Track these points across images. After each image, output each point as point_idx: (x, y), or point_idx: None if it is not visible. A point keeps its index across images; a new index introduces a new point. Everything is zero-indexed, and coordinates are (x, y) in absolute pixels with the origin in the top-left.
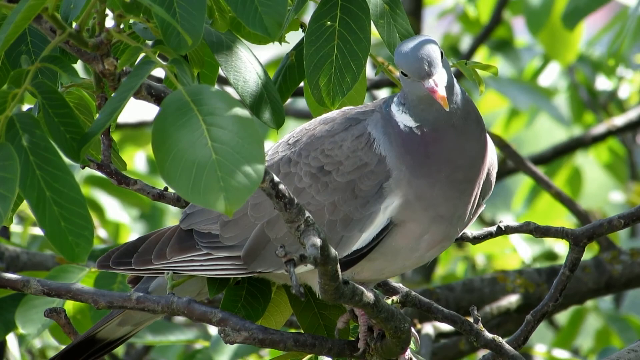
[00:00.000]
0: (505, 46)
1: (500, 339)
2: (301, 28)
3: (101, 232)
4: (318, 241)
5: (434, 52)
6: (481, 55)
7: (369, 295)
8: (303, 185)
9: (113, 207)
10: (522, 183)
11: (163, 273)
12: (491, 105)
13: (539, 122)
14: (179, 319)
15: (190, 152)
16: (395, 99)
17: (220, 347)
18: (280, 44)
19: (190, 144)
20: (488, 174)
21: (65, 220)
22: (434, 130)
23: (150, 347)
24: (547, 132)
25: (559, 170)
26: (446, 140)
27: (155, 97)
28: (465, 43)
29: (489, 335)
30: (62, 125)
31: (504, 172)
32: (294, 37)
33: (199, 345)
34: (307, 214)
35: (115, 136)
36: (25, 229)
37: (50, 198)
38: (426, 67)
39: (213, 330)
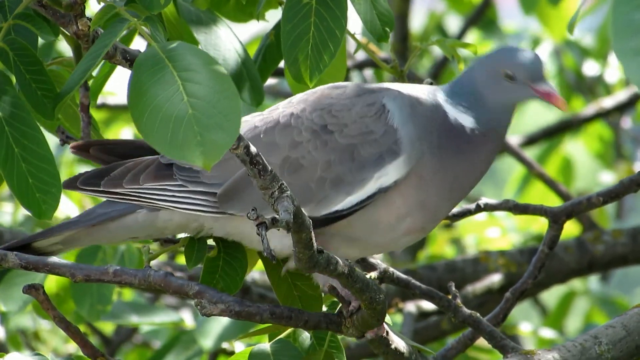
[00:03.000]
0: (490, 25)
1: (478, 314)
2: (280, 7)
3: None
4: (291, 207)
5: (543, 60)
6: (471, 38)
7: (344, 265)
8: (301, 139)
9: None
10: (514, 171)
11: (129, 199)
12: None
13: (531, 106)
14: (170, 299)
15: (166, 107)
16: (444, 95)
17: (205, 330)
18: (258, 21)
19: (166, 100)
20: None
21: (33, 177)
22: (484, 135)
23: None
24: (538, 117)
25: (549, 157)
26: (487, 147)
27: (131, 62)
28: (451, 23)
29: (467, 311)
30: (34, 83)
31: None
32: (275, 16)
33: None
34: (282, 181)
35: (104, 114)
36: (16, 209)
37: (19, 154)
38: (541, 72)
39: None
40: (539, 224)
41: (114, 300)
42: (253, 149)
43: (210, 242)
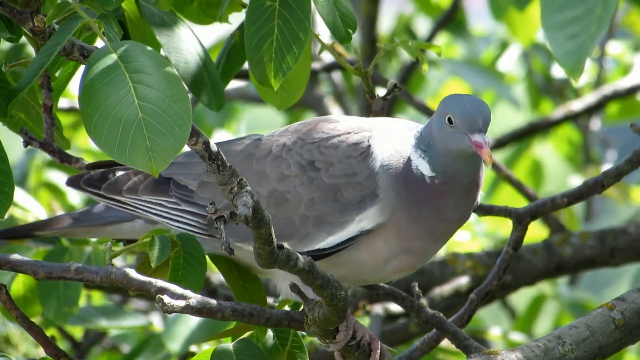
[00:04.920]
0: (459, 28)
1: (441, 315)
2: (244, 9)
3: None
4: (250, 202)
5: (489, 113)
6: (441, 41)
7: (304, 261)
8: (289, 173)
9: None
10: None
11: (127, 209)
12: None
13: (499, 110)
14: (139, 303)
15: (116, 110)
16: (415, 140)
17: (172, 333)
18: (221, 23)
19: (116, 102)
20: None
21: None
22: (444, 184)
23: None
24: (507, 120)
25: (518, 160)
26: (450, 198)
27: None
28: (421, 25)
29: (431, 312)
30: None
31: None
32: (239, 17)
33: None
34: (241, 176)
35: (72, 118)
36: None
37: None
38: (480, 123)
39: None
40: (508, 228)
41: (82, 304)
42: (212, 145)
43: None
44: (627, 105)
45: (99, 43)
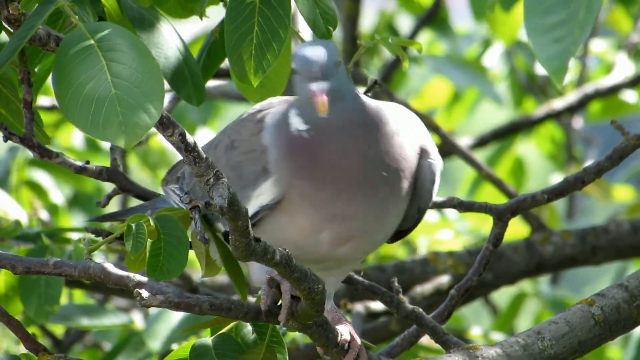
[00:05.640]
0: (441, 26)
1: (420, 310)
2: (222, 2)
3: (43, 214)
4: (226, 193)
5: (329, 58)
6: (423, 39)
7: (281, 254)
8: (219, 154)
9: (55, 190)
10: (465, 174)
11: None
12: (437, 92)
13: (481, 109)
14: (120, 301)
15: (90, 86)
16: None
17: (153, 331)
18: (201, 18)
19: (89, 79)
20: (419, 179)
21: None
22: (319, 133)
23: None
24: (490, 119)
25: (500, 159)
26: (331, 144)
27: None
28: (403, 24)
29: (410, 307)
30: None
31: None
32: (220, 13)
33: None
34: (217, 168)
35: (54, 116)
36: None
37: None
38: (316, 71)
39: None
40: (490, 225)
41: (64, 302)
42: (189, 136)
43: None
44: (610, 104)
45: None
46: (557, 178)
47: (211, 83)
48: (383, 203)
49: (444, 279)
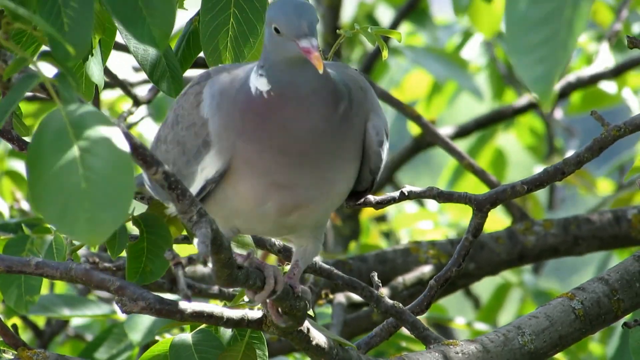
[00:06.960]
0: (421, 17)
1: (400, 305)
2: None
3: (24, 205)
4: (209, 233)
5: (314, 15)
6: (403, 30)
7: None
8: (167, 131)
9: None
10: (446, 163)
11: None
12: (417, 84)
13: (462, 100)
14: (103, 292)
15: (61, 179)
16: (256, 64)
17: (134, 323)
18: (178, 8)
19: (62, 171)
20: (366, 142)
21: None
22: (281, 95)
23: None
24: (470, 110)
25: (481, 150)
26: (289, 108)
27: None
28: (384, 15)
29: (390, 302)
30: None
31: (422, 145)
32: (198, 3)
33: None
34: (200, 205)
35: (35, 106)
36: None
37: None
38: (305, 27)
39: None
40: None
41: (45, 292)
42: (172, 174)
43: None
44: (590, 95)
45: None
46: (539, 170)
47: (190, 72)
48: (329, 171)
49: (426, 269)
